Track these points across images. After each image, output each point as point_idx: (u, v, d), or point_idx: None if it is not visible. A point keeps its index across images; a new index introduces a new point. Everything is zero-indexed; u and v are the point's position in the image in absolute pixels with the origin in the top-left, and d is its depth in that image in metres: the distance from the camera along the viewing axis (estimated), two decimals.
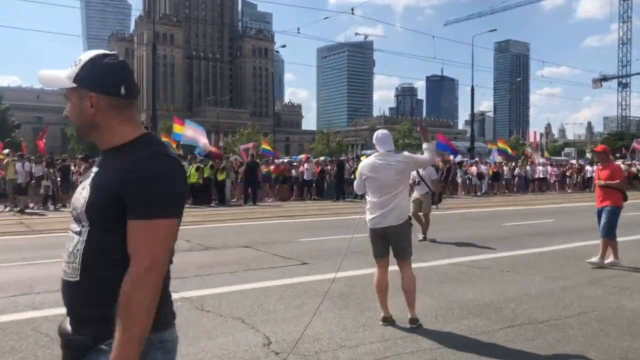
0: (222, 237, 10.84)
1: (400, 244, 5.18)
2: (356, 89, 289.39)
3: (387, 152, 5.20)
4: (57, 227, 12.50)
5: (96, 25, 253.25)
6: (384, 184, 5.06)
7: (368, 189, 5.16)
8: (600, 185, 8.33)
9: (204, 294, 6.31)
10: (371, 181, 5.12)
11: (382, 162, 5.13)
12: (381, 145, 5.24)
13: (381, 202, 5.07)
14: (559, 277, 7.48)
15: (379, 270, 5.24)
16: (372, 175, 5.13)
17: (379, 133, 5.35)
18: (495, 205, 20.28)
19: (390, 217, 5.06)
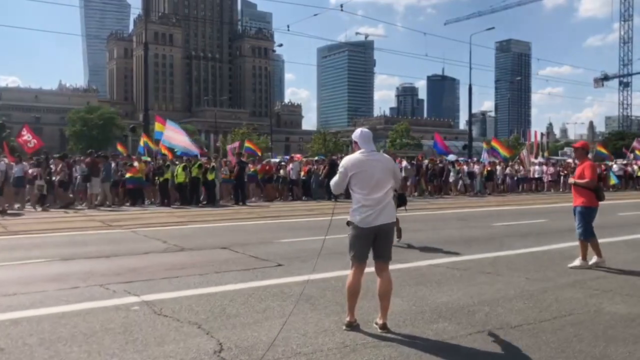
0: (202, 238, 10.62)
1: (388, 244, 4.99)
2: (357, 89, 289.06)
3: (371, 151, 4.98)
4: (35, 229, 12.31)
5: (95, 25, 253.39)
6: (376, 180, 4.85)
7: (356, 187, 4.88)
8: (571, 183, 8.10)
9: (166, 297, 6.07)
10: (361, 177, 4.86)
11: (370, 158, 4.91)
12: (365, 143, 5.01)
13: (374, 199, 4.83)
14: (541, 279, 7.25)
15: (358, 274, 4.93)
16: (362, 170, 4.87)
17: (363, 131, 5.09)
18: (488, 205, 20.04)
19: (384, 214, 4.85)
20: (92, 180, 17.43)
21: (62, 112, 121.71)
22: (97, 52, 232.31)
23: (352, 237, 4.92)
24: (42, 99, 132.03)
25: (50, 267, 7.76)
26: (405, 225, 13.22)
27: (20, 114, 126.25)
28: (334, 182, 5.10)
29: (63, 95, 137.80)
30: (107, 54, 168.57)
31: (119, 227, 12.39)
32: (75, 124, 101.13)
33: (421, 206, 19.22)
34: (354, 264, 4.94)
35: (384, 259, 4.96)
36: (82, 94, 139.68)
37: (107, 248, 9.41)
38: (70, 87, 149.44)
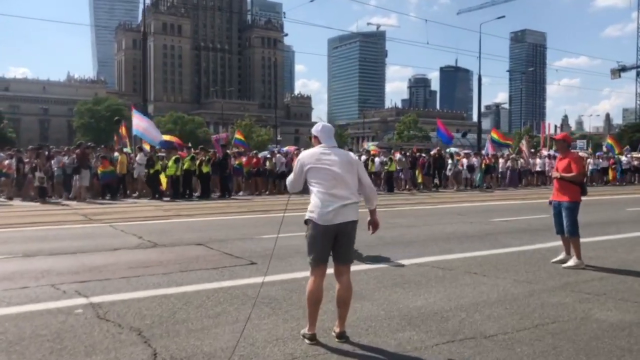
0: (180, 234, 10.21)
1: (350, 245, 4.56)
2: (368, 80, 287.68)
3: (332, 147, 4.59)
4: (11, 222, 12.00)
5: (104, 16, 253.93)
6: (338, 175, 4.44)
7: (314, 181, 4.48)
8: (557, 177, 7.62)
9: (118, 299, 5.68)
10: (319, 171, 4.46)
11: (332, 152, 4.54)
12: (327, 138, 4.64)
13: (334, 195, 4.41)
14: (530, 280, 6.78)
15: (318, 278, 4.44)
16: (320, 164, 4.47)
17: (325, 125, 4.75)
18: (490, 200, 19.48)
19: (346, 212, 4.41)
20: (82, 172, 17.11)
21: (70, 103, 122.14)
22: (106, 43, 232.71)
23: (311, 236, 4.47)
24: (50, 91, 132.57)
25: (8, 265, 7.40)
26: (398, 220, 12.87)
27: (28, 105, 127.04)
28: (289, 180, 4.73)
29: (71, 87, 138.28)
30: (116, 44, 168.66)
31: (99, 221, 12.04)
32: (83, 115, 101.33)
33: (419, 200, 18.78)
34: (313, 267, 4.47)
35: (344, 261, 4.54)
36: (90, 85, 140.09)
37: (76, 244, 9.05)
38: (78, 79, 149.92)
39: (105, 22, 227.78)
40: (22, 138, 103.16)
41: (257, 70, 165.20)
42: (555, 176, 7.70)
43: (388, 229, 11.16)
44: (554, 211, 7.90)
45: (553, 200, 7.89)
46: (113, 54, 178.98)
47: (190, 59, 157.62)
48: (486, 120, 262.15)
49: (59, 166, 17.50)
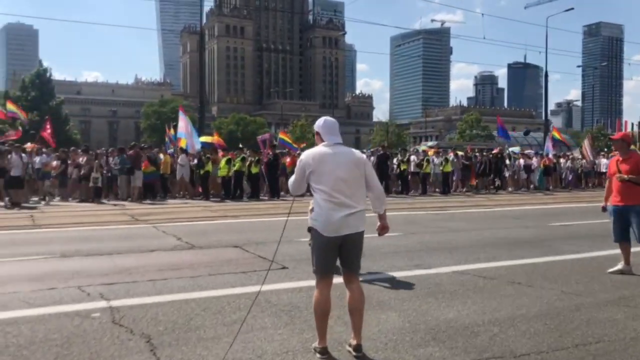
0: (220, 235, 10.16)
1: (358, 253, 4.25)
2: (432, 79, 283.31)
3: (335, 144, 4.21)
4: (60, 222, 12.36)
5: (170, 20, 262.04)
6: (343, 179, 4.09)
7: (316, 185, 4.12)
8: (623, 179, 6.98)
9: (138, 302, 5.64)
10: (321, 173, 4.10)
11: (336, 152, 4.15)
12: (330, 134, 4.24)
13: (342, 203, 4.06)
14: (579, 293, 6.25)
15: (325, 290, 4.17)
16: (323, 165, 4.11)
17: (327, 120, 4.36)
18: (552, 202, 18.52)
19: (354, 221, 4.09)
20: (135, 173, 17.51)
21: (137, 105, 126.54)
22: (172, 46, 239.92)
23: (314, 246, 4.20)
24: (119, 93, 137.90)
25: (44, 265, 7.56)
26: (448, 224, 12.38)
27: (98, 107, 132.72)
28: (291, 182, 4.40)
29: (138, 89, 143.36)
30: (181, 47, 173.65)
31: (144, 222, 12.22)
32: (150, 117, 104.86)
33: (475, 203, 18.12)
34: (318, 279, 4.20)
35: (355, 269, 4.27)
36: (156, 88, 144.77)
37: (115, 245, 9.16)
38: (145, 81, 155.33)
39: (171, 26, 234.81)
40: (92, 139, 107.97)
41: (318, 70, 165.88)
42: (622, 179, 7.06)
43: (436, 233, 10.77)
44: (614, 216, 7.28)
45: (612, 205, 7.28)
46: (178, 57, 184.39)
47: (252, 60, 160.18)
48: (557, 119, 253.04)
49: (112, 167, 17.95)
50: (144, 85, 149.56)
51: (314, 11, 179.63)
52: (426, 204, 17.50)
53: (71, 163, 16.98)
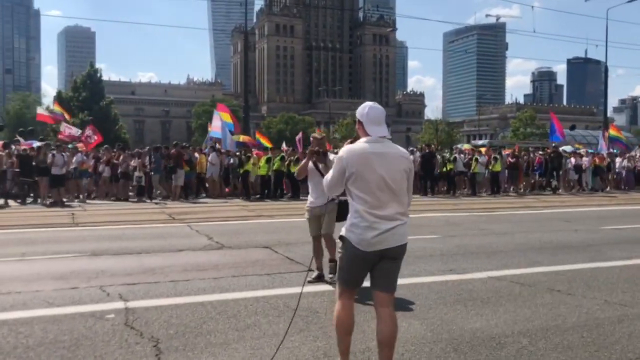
0: (252, 235, 10.08)
1: (396, 271, 3.64)
2: (486, 75, 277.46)
3: (380, 137, 3.53)
4: (98, 221, 12.58)
5: (222, 20, 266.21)
6: (389, 187, 3.48)
7: (355, 190, 3.52)
8: None
9: (155, 304, 5.58)
10: (363, 176, 3.47)
11: (383, 150, 3.51)
12: (375, 124, 3.55)
13: (384, 215, 3.47)
14: (625, 303, 5.82)
15: (348, 303, 3.64)
16: (365, 167, 3.47)
17: (373, 107, 3.60)
18: (605, 204, 17.59)
19: (396, 235, 3.50)
20: (177, 172, 17.73)
21: (189, 105, 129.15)
22: (223, 46, 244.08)
23: (345, 258, 3.60)
24: (171, 93, 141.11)
25: (72, 263, 7.64)
26: (492, 226, 11.91)
27: (151, 107, 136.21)
28: (327, 180, 3.72)
29: (190, 89, 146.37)
30: (232, 47, 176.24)
31: (180, 221, 12.30)
32: (201, 116, 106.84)
33: (525, 204, 17.46)
34: (342, 290, 3.65)
35: (390, 290, 3.59)
36: (207, 88, 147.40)
37: (146, 244, 9.22)
38: (197, 81, 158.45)
39: (222, 26, 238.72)
40: (145, 139, 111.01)
41: (368, 67, 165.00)
42: None
43: (477, 236, 10.39)
44: None
45: None
46: (230, 57, 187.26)
47: (302, 59, 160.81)
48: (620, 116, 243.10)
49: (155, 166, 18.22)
50: (195, 85, 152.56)
51: (364, 8, 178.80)
52: (472, 205, 16.99)
53: (103, 161, 17.28)
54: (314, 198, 6.70)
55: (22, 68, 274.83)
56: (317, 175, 6.46)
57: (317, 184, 6.49)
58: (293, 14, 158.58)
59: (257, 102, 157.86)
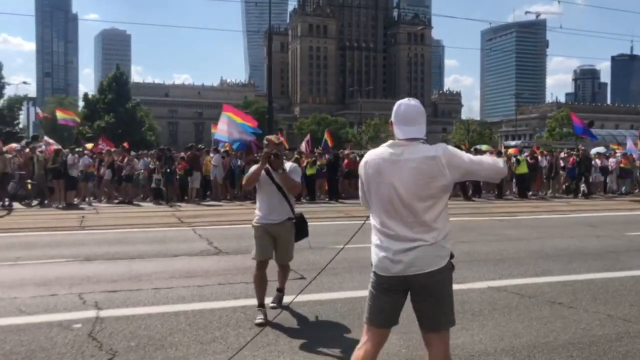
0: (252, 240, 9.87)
1: (437, 305, 2.97)
2: (526, 74, 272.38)
3: (409, 140, 2.97)
4: (104, 224, 12.61)
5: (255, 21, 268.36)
6: (401, 199, 2.92)
7: (372, 205, 3.05)
8: None
9: (125, 314, 5.47)
10: (376, 190, 2.99)
11: (405, 158, 2.92)
12: (404, 124, 3.01)
13: (394, 234, 2.94)
14: (629, 318, 5.44)
15: (369, 344, 3.00)
16: (379, 178, 2.97)
17: (405, 105, 3.05)
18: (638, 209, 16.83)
19: (420, 258, 2.91)
20: (193, 175, 17.75)
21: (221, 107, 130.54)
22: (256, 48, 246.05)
23: (370, 285, 3.08)
24: (205, 95, 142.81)
25: (60, 268, 7.60)
26: (510, 231, 11.49)
27: (184, 109, 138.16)
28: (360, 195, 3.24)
29: (223, 91, 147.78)
30: (265, 48, 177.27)
31: (187, 224, 12.24)
32: None
33: (551, 208, 16.87)
34: (366, 327, 3.08)
35: (432, 326, 2.99)
36: (240, 89, 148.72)
37: (143, 248, 9.17)
38: (230, 83, 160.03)
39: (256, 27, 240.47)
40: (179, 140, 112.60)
41: (403, 67, 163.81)
42: None
43: (489, 242, 10.01)
44: None
45: None
46: (263, 58, 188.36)
47: (335, 59, 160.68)
48: None
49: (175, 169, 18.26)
50: (228, 87, 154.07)
51: (399, 7, 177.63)
52: (494, 208, 16.52)
53: (104, 164, 17.35)
54: (264, 213, 5.45)
55: (60, 71, 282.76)
56: (269, 184, 5.37)
57: (270, 196, 5.40)
58: (326, 14, 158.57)
59: (290, 103, 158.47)
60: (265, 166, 5.33)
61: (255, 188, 5.65)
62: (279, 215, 5.42)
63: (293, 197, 5.63)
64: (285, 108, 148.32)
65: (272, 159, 5.28)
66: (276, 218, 5.42)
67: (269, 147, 5.37)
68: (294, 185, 5.46)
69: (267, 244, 5.46)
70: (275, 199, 5.41)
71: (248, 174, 5.50)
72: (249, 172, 5.51)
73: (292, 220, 5.51)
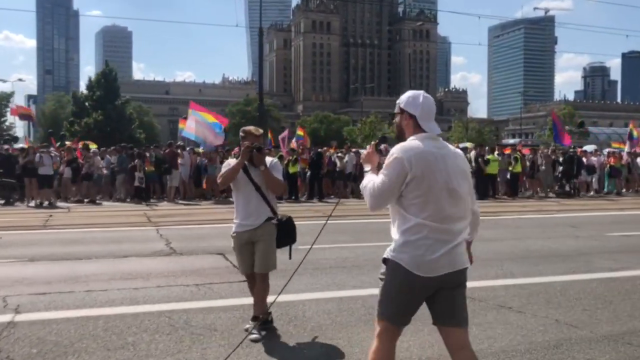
0: (217, 240, 9.57)
1: (464, 299, 3.05)
2: (534, 71, 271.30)
3: (438, 136, 3.02)
4: (75, 223, 12.45)
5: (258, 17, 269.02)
6: (457, 195, 2.93)
7: (419, 202, 2.88)
8: None
9: (41, 318, 5.27)
10: (429, 185, 2.87)
11: (446, 153, 2.96)
12: (430, 120, 3.01)
13: (452, 229, 2.91)
14: (577, 324, 5.20)
15: (389, 345, 3.03)
16: (431, 173, 2.87)
17: (426, 98, 3.03)
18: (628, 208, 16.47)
19: (459, 254, 2.94)
20: (172, 173, 17.55)
21: (223, 104, 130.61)
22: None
23: (393, 286, 2.94)
24: (206, 92, 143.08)
25: None
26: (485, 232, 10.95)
27: (185, 107, 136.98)
28: (374, 189, 2.92)
29: (225, 88, 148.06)
30: (268, 45, 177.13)
31: (154, 224, 12.01)
32: (234, 116, 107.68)
33: (538, 208, 16.59)
34: (385, 327, 2.99)
35: (461, 322, 3.00)
36: (242, 87, 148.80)
37: (97, 249, 8.98)
38: (232, 80, 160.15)
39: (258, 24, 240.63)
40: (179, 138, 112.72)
41: (408, 64, 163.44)
42: None
43: None
44: None
45: None
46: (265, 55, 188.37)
47: (339, 56, 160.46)
48: None
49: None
50: (230, 85, 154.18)
51: (404, 3, 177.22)
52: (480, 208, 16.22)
53: (63, 161, 17.11)
54: (241, 218, 4.85)
55: (61, 69, 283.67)
56: (246, 183, 4.78)
57: (246, 198, 4.80)
58: (330, 10, 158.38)
59: (292, 101, 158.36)
60: (244, 162, 4.69)
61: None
62: (257, 219, 4.78)
63: (273, 196, 4.94)
64: (288, 106, 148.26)
65: (255, 153, 4.64)
66: (254, 222, 4.78)
67: (248, 139, 4.73)
68: (277, 184, 4.83)
69: (248, 254, 4.86)
70: (253, 200, 4.78)
71: (224, 171, 4.82)
72: (226, 168, 4.85)
73: (273, 221, 4.82)
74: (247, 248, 4.83)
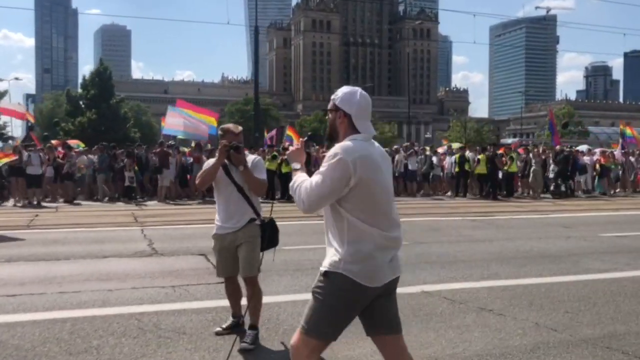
0: (198, 241, 9.42)
1: (397, 303, 2.96)
2: (535, 71, 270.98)
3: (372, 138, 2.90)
4: (61, 223, 12.35)
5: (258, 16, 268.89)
6: (390, 196, 2.88)
7: (364, 210, 2.74)
8: None
9: (9, 320, 5.18)
10: (377, 194, 2.77)
11: (383, 154, 2.92)
12: (367, 119, 2.86)
13: (395, 236, 2.82)
14: (556, 327, 5.10)
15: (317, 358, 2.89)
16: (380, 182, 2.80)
17: (363, 96, 2.85)
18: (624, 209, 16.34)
19: (398, 260, 2.88)
20: (163, 172, 17.44)
21: (222, 104, 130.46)
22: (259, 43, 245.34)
23: (333, 301, 2.73)
24: (204, 92, 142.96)
25: None
26: (475, 232, 11.12)
27: None
28: (313, 188, 2.71)
29: (224, 88, 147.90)
30: (267, 44, 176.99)
31: (140, 224, 11.89)
32: (233, 115, 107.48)
33: (532, 208, 16.48)
34: (317, 345, 2.79)
35: (399, 329, 2.90)
36: (241, 86, 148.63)
37: (78, 249, 8.88)
38: (232, 80, 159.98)
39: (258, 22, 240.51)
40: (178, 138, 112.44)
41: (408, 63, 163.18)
42: None
43: (449, 243, 9.68)
44: None
45: None
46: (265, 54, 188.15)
47: (339, 55, 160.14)
48: None
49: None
50: (229, 84, 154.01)
51: (405, 2, 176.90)
52: (472, 208, 16.13)
53: (45, 161, 16.95)
54: (224, 220, 4.65)
55: (60, 67, 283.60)
56: (227, 184, 4.59)
57: (227, 198, 4.62)
58: (330, 8, 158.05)
59: (292, 100, 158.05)
60: (223, 161, 4.52)
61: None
62: (239, 221, 4.58)
63: (256, 196, 4.72)
64: (287, 105, 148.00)
65: (232, 152, 4.45)
66: (235, 224, 4.58)
67: (226, 137, 4.53)
68: (258, 184, 4.61)
69: (228, 257, 4.67)
70: (235, 201, 4.59)
71: (202, 172, 4.70)
72: (204, 168, 4.72)
73: (256, 222, 4.63)
74: (227, 251, 4.66)
